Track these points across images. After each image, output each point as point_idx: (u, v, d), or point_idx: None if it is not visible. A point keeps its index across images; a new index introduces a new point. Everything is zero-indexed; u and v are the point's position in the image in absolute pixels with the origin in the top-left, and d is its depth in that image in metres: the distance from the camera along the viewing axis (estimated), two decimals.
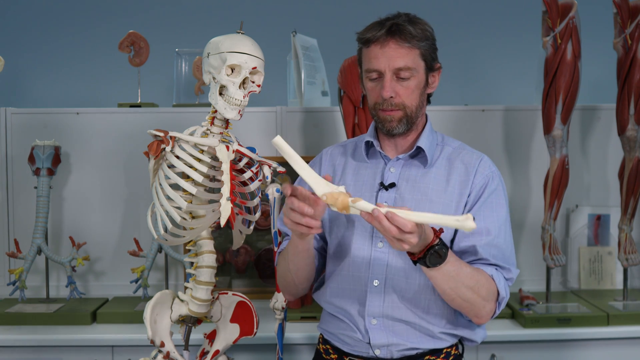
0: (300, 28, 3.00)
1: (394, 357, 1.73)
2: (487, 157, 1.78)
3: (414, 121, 1.74)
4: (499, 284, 1.68)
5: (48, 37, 3.50)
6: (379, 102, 1.72)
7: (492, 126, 3.01)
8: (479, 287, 1.63)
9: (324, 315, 1.86)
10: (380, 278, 1.71)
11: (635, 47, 2.64)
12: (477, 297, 1.63)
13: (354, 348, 1.77)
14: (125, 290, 2.88)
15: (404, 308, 1.71)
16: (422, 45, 1.70)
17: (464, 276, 1.60)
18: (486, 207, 1.71)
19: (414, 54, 1.69)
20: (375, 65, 1.70)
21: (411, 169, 1.75)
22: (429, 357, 1.75)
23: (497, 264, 1.70)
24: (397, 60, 1.68)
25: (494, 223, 1.70)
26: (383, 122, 1.73)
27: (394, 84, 1.69)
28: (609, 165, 3.03)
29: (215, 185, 1.86)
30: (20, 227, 2.92)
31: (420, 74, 1.72)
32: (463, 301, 1.63)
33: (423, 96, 1.75)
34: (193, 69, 3.02)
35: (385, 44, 1.68)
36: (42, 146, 2.73)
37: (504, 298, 1.69)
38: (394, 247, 1.47)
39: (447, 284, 1.59)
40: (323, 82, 3.07)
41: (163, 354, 1.91)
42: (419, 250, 1.51)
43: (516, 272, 1.74)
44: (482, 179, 1.72)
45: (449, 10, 3.50)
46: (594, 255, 3.00)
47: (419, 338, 1.73)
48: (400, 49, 1.68)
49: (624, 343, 2.55)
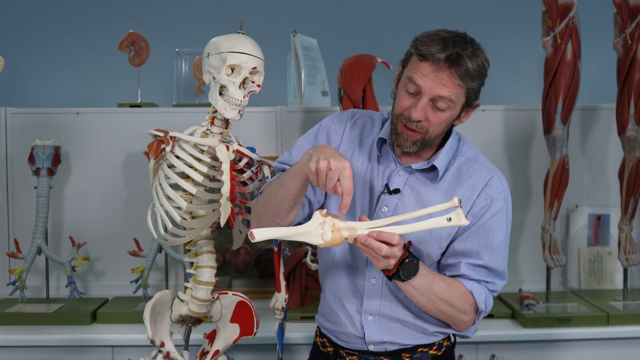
0: (300, 28, 3.00)
1: (387, 350, 1.76)
2: (497, 175, 1.72)
3: (428, 145, 1.67)
4: (479, 298, 1.68)
5: (48, 38, 3.50)
6: (405, 116, 1.63)
7: (492, 126, 3.01)
8: (454, 300, 1.65)
9: (321, 308, 1.86)
10: (377, 276, 1.72)
11: (635, 47, 2.64)
12: (453, 309, 1.66)
13: (349, 344, 1.79)
14: (125, 290, 2.87)
15: (400, 307, 1.73)
16: (473, 84, 1.62)
17: (437, 289, 1.62)
18: (482, 230, 1.67)
19: (461, 91, 1.61)
20: (419, 81, 1.59)
21: (419, 180, 1.71)
22: (422, 349, 1.77)
23: (481, 279, 1.70)
24: (442, 90, 1.58)
25: (487, 248, 1.67)
26: (398, 135, 1.65)
27: (427, 109, 1.61)
28: (609, 165, 3.03)
29: (215, 185, 1.86)
30: (20, 227, 2.92)
31: (457, 109, 1.64)
32: (439, 312, 1.66)
33: (448, 126, 1.68)
34: (193, 69, 3.02)
35: (439, 70, 1.58)
36: (42, 146, 2.73)
37: (483, 311, 1.70)
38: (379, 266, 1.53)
39: (422, 297, 1.62)
40: (323, 82, 3.07)
41: (163, 354, 1.91)
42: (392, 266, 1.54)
43: (502, 284, 1.74)
44: (484, 201, 1.68)
45: (449, 10, 3.50)
46: (594, 255, 3.00)
47: (412, 336, 1.76)
48: (451, 82, 1.58)
49: (624, 343, 2.55)
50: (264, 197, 1.74)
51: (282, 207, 1.64)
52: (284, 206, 1.64)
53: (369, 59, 2.68)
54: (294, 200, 1.63)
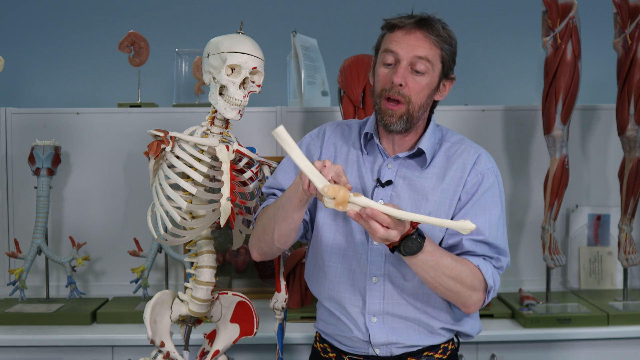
0: (300, 28, 3.00)
1: (393, 354, 1.74)
2: (485, 153, 1.76)
3: (414, 122, 1.70)
4: (486, 274, 1.66)
5: (48, 37, 3.51)
6: (386, 89, 1.67)
7: (492, 126, 3.01)
8: (462, 277, 1.62)
9: (321, 314, 1.85)
10: (378, 274, 1.71)
11: (635, 47, 2.64)
12: (461, 286, 1.62)
13: (354, 349, 1.77)
14: (125, 290, 2.87)
15: (404, 303, 1.71)
16: (445, 47, 1.69)
17: (444, 267, 1.59)
18: (479, 206, 1.69)
19: (436, 52, 1.67)
20: (395, 47, 1.66)
21: (409, 168, 1.73)
22: (427, 352, 1.75)
23: (485, 254, 1.69)
24: (419, 49, 1.65)
25: (486, 223, 1.68)
26: (383, 114, 1.69)
27: (407, 74, 1.66)
28: (609, 165, 3.03)
29: (215, 185, 1.86)
30: (20, 227, 2.92)
31: (435, 75, 1.69)
32: (446, 290, 1.63)
33: (430, 99, 1.72)
34: (193, 69, 3.02)
35: (412, 32, 1.67)
36: (42, 146, 2.73)
37: (492, 287, 1.67)
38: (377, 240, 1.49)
39: (427, 273, 1.59)
40: (323, 82, 3.07)
41: (163, 354, 1.91)
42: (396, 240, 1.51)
43: (506, 261, 1.72)
44: (476, 176, 1.71)
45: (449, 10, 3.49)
46: (594, 255, 3.00)
47: (418, 335, 1.74)
48: (426, 40, 1.66)
49: (624, 343, 2.55)
50: (261, 223, 1.77)
51: (280, 230, 1.68)
52: (282, 229, 1.67)
53: (369, 59, 2.68)
54: (292, 223, 1.66)
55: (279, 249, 1.77)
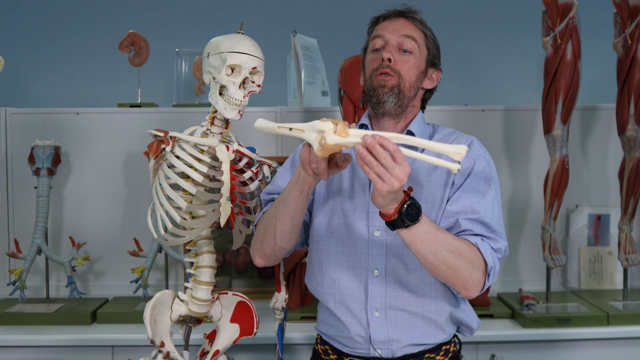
0: (300, 28, 3.00)
1: (395, 355, 1.73)
2: (476, 140, 1.78)
3: (405, 101, 1.73)
4: (485, 252, 1.62)
5: (48, 37, 3.51)
6: (375, 68, 1.73)
7: (492, 126, 3.01)
8: (461, 251, 1.57)
9: (322, 316, 1.85)
10: (380, 267, 1.71)
11: (635, 47, 2.64)
12: (462, 261, 1.57)
13: (355, 350, 1.76)
14: (125, 290, 2.88)
15: (406, 296, 1.70)
16: (428, 33, 1.77)
17: (443, 239, 1.55)
18: (471, 189, 1.69)
19: (420, 34, 1.76)
20: (381, 32, 1.74)
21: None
22: (429, 354, 1.75)
23: (482, 233, 1.66)
24: (404, 29, 1.74)
25: (480, 202, 1.68)
26: (375, 87, 1.73)
27: (395, 52, 1.72)
28: (609, 165, 3.03)
29: (215, 185, 1.86)
30: (20, 227, 2.92)
31: (422, 57, 1.75)
32: (447, 268, 1.57)
33: (420, 81, 1.76)
34: (193, 69, 3.02)
35: (395, 20, 1.76)
36: (42, 146, 2.73)
37: (492, 267, 1.63)
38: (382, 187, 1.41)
39: (428, 248, 1.54)
40: (323, 82, 3.07)
41: (163, 354, 1.91)
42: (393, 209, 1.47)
43: (504, 243, 1.68)
44: (467, 161, 1.72)
45: (449, 10, 3.50)
46: (594, 255, 3.00)
47: (420, 331, 1.72)
48: (409, 24, 1.76)
49: (624, 343, 2.55)
50: (262, 225, 1.78)
51: (282, 226, 1.68)
52: (284, 225, 1.68)
53: None
54: (294, 218, 1.66)
55: (282, 249, 1.76)
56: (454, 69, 3.43)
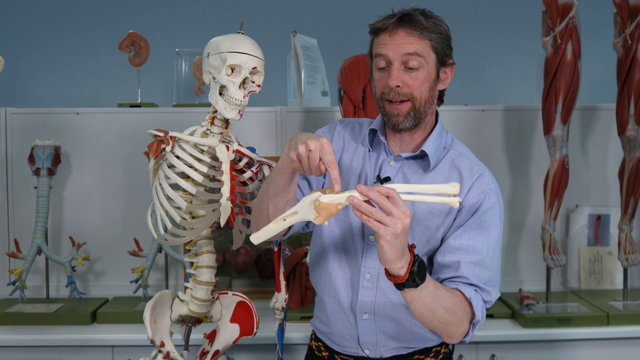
0: (300, 28, 3.00)
1: (383, 356, 1.74)
2: (488, 172, 1.71)
3: (422, 116, 1.68)
4: (476, 307, 1.62)
5: (48, 37, 3.51)
6: (385, 92, 1.66)
7: (492, 126, 3.01)
8: (455, 308, 1.58)
9: (317, 311, 1.85)
10: (372, 272, 1.69)
11: (635, 47, 2.64)
12: (453, 318, 1.58)
13: (345, 348, 1.77)
14: (125, 290, 2.88)
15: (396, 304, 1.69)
16: (433, 37, 1.66)
17: (442, 297, 1.55)
18: (477, 226, 1.65)
19: (424, 44, 1.65)
20: (383, 51, 1.65)
21: (411, 169, 1.71)
22: (418, 356, 1.75)
23: (478, 285, 1.63)
24: (407, 47, 1.63)
25: (484, 243, 1.64)
26: (389, 116, 1.67)
27: (401, 74, 1.64)
28: (609, 165, 3.03)
29: (215, 185, 1.86)
30: (20, 227, 2.92)
31: (430, 66, 1.66)
32: (439, 323, 1.58)
33: (433, 91, 1.69)
34: (193, 69, 3.02)
35: (395, 32, 1.64)
36: (42, 146, 2.73)
37: (479, 321, 1.64)
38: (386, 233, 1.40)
39: (427, 306, 1.53)
40: (323, 82, 3.07)
41: (163, 354, 1.91)
42: (404, 271, 1.47)
43: (496, 296, 1.67)
44: (476, 196, 1.66)
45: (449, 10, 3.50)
46: (594, 255, 3.00)
47: (408, 337, 1.72)
48: (410, 36, 1.64)
49: (624, 343, 2.55)
50: (257, 200, 1.75)
51: (274, 206, 1.64)
52: (277, 204, 1.63)
53: (369, 59, 2.68)
54: (286, 196, 1.62)
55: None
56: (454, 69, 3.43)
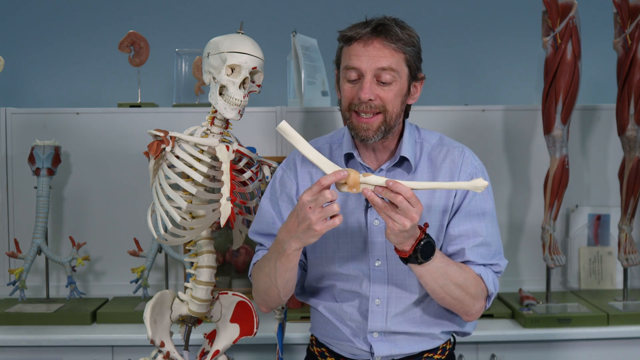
0: (300, 28, 3.00)
1: (394, 358, 1.74)
2: (468, 151, 1.71)
3: (391, 129, 1.63)
4: (487, 282, 1.66)
5: (48, 38, 3.50)
6: (355, 104, 1.59)
7: (492, 126, 3.01)
8: (467, 284, 1.61)
9: (316, 320, 1.82)
10: (381, 297, 1.70)
11: (635, 47, 2.64)
12: (466, 295, 1.62)
13: (355, 355, 1.76)
14: (125, 290, 2.88)
15: (405, 322, 1.71)
16: (407, 50, 1.59)
17: (452, 273, 1.59)
18: (472, 209, 1.67)
19: (399, 58, 1.59)
20: (356, 63, 1.58)
21: (395, 177, 1.67)
22: (427, 354, 1.76)
23: (485, 263, 1.67)
24: (381, 60, 1.56)
25: (482, 223, 1.67)
26: (358, 129, 1.61)
27: (374, 87, 1.58)
28: (609, 165, 3.03)
29: (215, 185, 1.86)
30: (20, 227, 2.92)
31: (403, 81, 1.61)
32: (452, 299, 1.62)
33: (403, 105, 1.64)
34: (193, 69, 3.02)
35: (370, 43, 1.58)
36: (42, 146, 2.73)
37: (493, 293, 1.68)
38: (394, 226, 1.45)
39: (437, 282, 1.58)
40: (323, 82, 3.07)
41: (163, 354, 1.91)
42: (409, 246, 1.51)
43: (504, 263, 1.71)
44: (466, 178, 1.67)
45: (449, 10, 3.50)
46: (594, 255, 3.00)
47: (419, 344, 1.74)
48: (385, 49, 1.57)
49: (624, 343, 2.55)
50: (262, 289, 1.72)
51: (286, 290, 1.68)
52: (288, 289, 1.68)
53: None
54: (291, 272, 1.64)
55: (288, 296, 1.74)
56: (454, 69, 3.43)
